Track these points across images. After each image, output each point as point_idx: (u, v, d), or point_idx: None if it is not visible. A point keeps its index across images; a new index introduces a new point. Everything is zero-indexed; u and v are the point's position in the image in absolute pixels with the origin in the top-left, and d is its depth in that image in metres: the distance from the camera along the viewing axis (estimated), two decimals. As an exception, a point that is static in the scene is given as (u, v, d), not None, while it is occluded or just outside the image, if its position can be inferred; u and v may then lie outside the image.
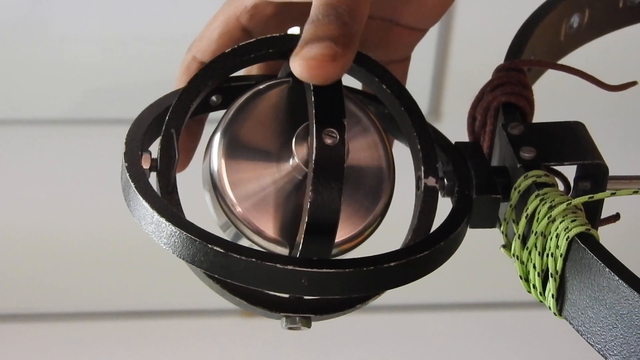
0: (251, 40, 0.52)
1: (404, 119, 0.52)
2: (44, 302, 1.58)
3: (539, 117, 0.56)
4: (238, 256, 0.45)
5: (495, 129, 0.54)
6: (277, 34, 0.52)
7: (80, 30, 1.32)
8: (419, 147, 0.52)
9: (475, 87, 0.56)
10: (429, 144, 0.52)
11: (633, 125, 1.49)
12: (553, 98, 0.95)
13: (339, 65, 0.47)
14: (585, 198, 0.47)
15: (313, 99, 0.47)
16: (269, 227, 0.50)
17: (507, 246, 0.50)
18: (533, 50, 0.61)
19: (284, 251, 0.49)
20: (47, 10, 1.31)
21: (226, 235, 0.50)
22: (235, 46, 0.52)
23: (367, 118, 0.53)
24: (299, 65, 0.47)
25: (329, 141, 0.47)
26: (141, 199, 0.47)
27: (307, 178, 0.47)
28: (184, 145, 0.54)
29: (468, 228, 0.51)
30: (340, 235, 0.49)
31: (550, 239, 0.46)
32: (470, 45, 1.33)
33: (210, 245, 0.45)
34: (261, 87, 0.52)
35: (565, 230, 0.45)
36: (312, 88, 0.47)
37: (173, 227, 0.46)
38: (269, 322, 0.52)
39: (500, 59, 0.59)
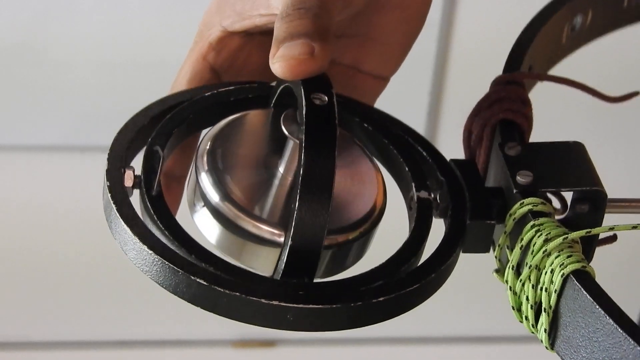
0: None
1: (388, 149, 0.52)
2: (27, 330, 1.57)
3: (536, 124, 0.55)
4: (221, 290, 0.44)
5: (491, 146, 0.53)
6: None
7: (77, 56, 1.33)
8: (406, 169, 0.51)
9: (473, 105, 0.55)
10: (415, 164, 0.51)
11: (633, 133, 1.48)
12: (551, 105, 0.94)
13: (319, 59, 0.47)
14: (582, 233, 0.46)
15: (300, 82, 0.47)
16: (264, 211, 0.48)
17: (500, 271, 0.49)
18: (533, 54, 0.59)
19: (280, 235, 0.47)
20: (44, 36, 1.31)
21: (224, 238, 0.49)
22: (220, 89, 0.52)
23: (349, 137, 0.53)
24: (279, 67, 0.47)
25: (317, 102, 0.46)
26: (122, 223, 0.46)
27: (299, 149, 0.46)
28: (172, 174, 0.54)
29: (461, 253, 0.50)
30: (334, 221, 0.47)
31: (545, 274, 0.45)
32: (469, 65, 1.33)
33: (193, 277, 0.44)
34: (243, 113, 0.52)
35: (560, 267, 0.44)
36: (300, 81, 0.47)
37: (155, 256, 0.45)
38: (261, 352, 0.51)
39: (499, 69, 0.57)
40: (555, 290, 0.44)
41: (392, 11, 0.53)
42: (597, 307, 0.41)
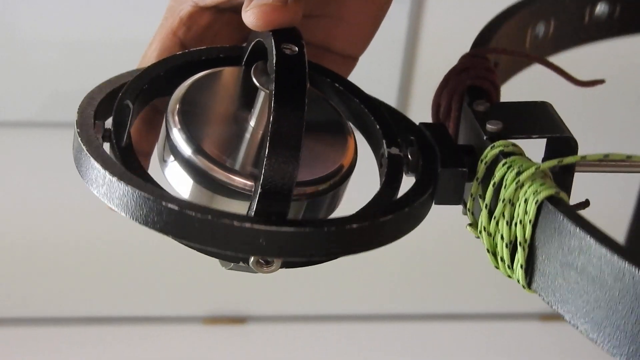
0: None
1: (359, 108, 0.52)
2: (9, 306, 1.56)
3: None
4: (193, 214, 0.43)
5: (460, 114, 0.53)
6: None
7: (46, 34, 1.32)
8: (377, 127, 0.51)
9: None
10: (386, 122, 0.51)
11: (602, 124, 1.50)
12: (520, 95, 0.95)
13: (292, 9, 0.48)
14: (554, 162, 0.45)
15: (271, 33, 0.47)
16: (236, 163, 0.48)
17: (473, 224, 0.49)
18: (497, 57, 0.59)
19: (252, 187, 0.47)
20: (12, 15, 1.30)
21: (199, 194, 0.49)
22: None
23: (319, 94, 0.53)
24: (252, 14, 0.48)
25: (288, 52, 0.46)
26: (92, 160, 0.46)
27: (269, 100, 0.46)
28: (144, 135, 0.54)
29: (434, 204, 0.50)
30: (305, 174, 0.47)
31: (519, 206, 0.44)
32: (439, 44, 1.34)
33: (164, 203, 0.43)
34: (215, 70, 0.52)
35: (534, 194, 0.44)
36: (270, 32, 0.47)
37: (125, 186, 0.44)
38: (232, 329, 0.50)
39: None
40: (530, 221, 0.43)
41: None
42: (573, 225, 0.41)
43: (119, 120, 0.49)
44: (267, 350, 1.57)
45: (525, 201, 0.44)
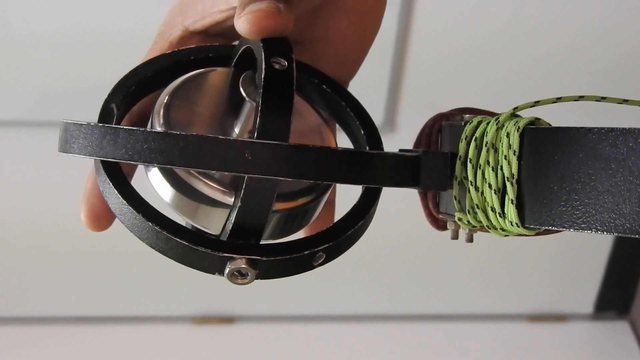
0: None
1: (344, 110, 0.52)
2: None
3: None
4: (178, 133, 0.43)
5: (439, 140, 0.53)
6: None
7: (36, 32, 1.32)
8: (362, 132, 0.51)
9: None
10: (370, 126, 0.52)
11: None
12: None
13: (284, 16, 0.47)
14: (530, 103, 0.46)
15: (262, 44, 0.47)
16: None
17: (460, 211, 0.48)
18: None
19: (231, 195, 0.47)
20: (1, 13, 1.30)
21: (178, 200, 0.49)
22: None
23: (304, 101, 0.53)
24: (245, 20, 0.47)
25: (277, 66, 0.46)
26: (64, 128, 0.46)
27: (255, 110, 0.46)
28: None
29: (421, 190, 0.50)
30: (284, 186, 0.47)
31: (502, 145, 0.45)
32: (426, 58, 1.35)
33: (149, 130, 0.44)
34: (203, 70, 0.52)
35: (515, 125, 0.44)
36: (261, 43, 0.47)
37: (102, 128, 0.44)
38: (221, 328, 0.50)
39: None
40: (515, 152, 0.44)
41: (348, 15, 0.53)
42: (562, 133, 0.41)
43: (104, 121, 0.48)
44: (255, 349, 1.56)
45: (508, 135, 0.45)
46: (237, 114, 0.50)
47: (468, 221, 0.48)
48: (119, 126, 0.44)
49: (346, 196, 0.54)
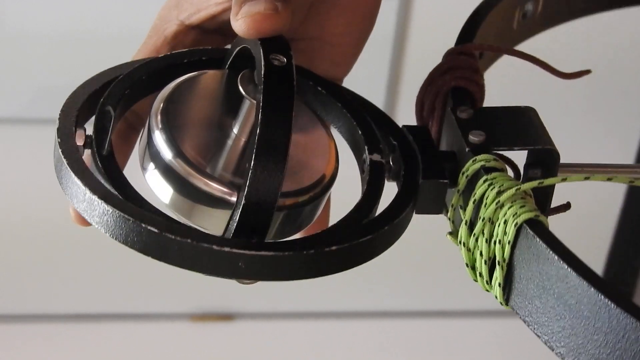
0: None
1: (342, 112, 0.52)
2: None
3: (489, 104, 0.54)
4: (172, 237, 0.43)
5: (444, 114, 0.53)
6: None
7: (32, 28, 1.32)
8: (359, 132, 0.51)
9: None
10: (368, 127, 0.51)
11: (585, 113, 1.50)
12: (505, 85, 0.95)
13: (283, 16, 0.47)
14: (535, 183, 0.45)
15: (259, 42, 0.47)
16: (216, 170, 0.48)
17: (453, 233, 0.48)
18: (484, 38, 0.59)
19: (230, 194, 0.47)
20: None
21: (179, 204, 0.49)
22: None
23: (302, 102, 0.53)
24: (243, 22, 0.47)
25: (276, 63, 0.46)
26: (73, 175, 0.45)
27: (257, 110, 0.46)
28: (122, 134, 0.53)
29: (414, 214, 0.50)
30: (286, 184, 0.47)
31: (498, 225, 0.44)
32: (427, 41, 1.35)
33: (144, 225, 0.43)
34: (198, 73, 0.52)
35: (513, 217, 0.43)
36: (258, 41, 0.47)
37: (105, 205, 0.44)
38: (219, 325, 0.50)
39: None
40: (509, 242, 0.43)
41: (342, 13, 0.53)
42: (551, 252, 0.40)
43: (100, 127, 0.48)
44: (255, 347, 1.57)
45: (505, 222, 0.44)
46: (235, 114, 0.49)
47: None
48: (116, 210, 0.44)
49: (346, 196, 0.54)
